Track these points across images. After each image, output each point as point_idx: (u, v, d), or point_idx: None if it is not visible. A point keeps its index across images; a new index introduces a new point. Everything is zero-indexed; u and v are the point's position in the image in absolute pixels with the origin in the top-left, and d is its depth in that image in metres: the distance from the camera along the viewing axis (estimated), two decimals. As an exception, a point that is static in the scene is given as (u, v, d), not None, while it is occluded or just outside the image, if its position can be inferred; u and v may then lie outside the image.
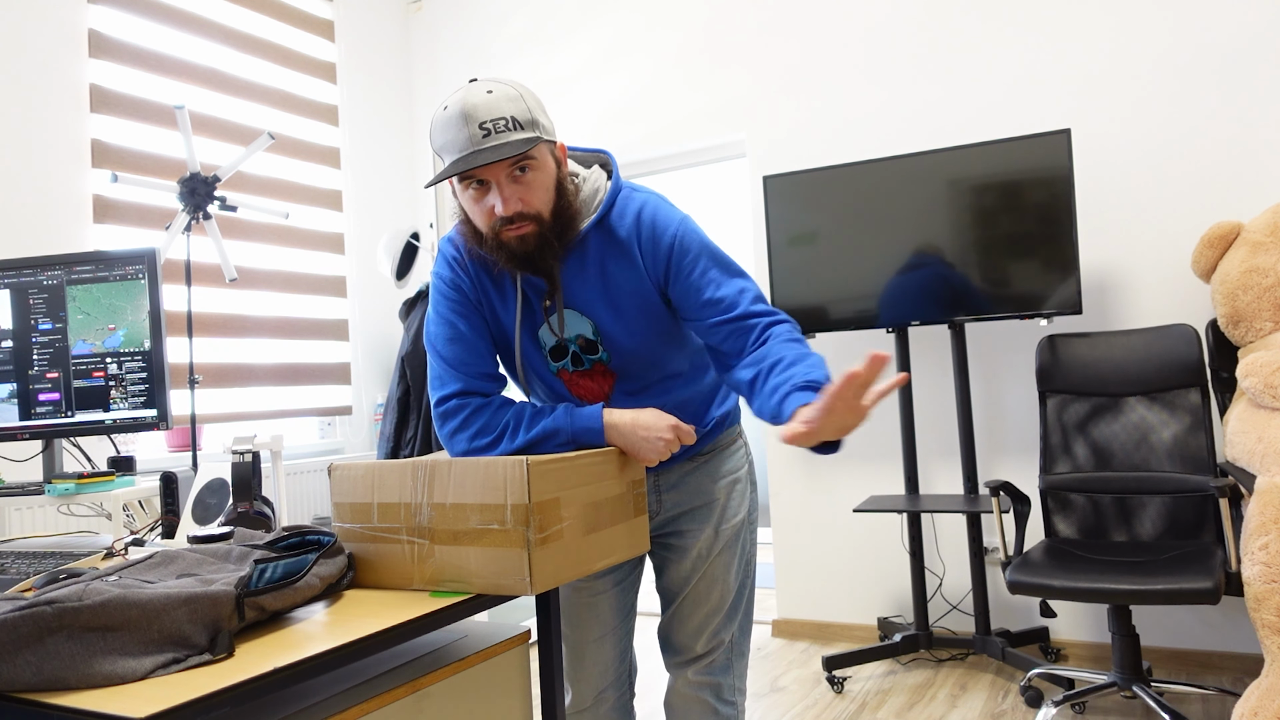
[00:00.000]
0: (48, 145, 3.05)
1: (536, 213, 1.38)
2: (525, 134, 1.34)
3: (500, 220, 1.37)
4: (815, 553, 3.65)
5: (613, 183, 1.50)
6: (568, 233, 1.43)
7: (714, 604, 1.63)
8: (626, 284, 1.47)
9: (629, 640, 1.71)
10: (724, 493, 1.65)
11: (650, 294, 1.48)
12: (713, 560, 1.63)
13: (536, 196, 1.37)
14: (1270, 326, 2.65)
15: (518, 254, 1.39)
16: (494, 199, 1.36)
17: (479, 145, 1.32)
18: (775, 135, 3.71)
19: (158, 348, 2.06)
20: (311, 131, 4.08)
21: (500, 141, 1.32)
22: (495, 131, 1.32)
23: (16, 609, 0.88)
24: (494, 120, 1.32)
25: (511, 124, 1.33)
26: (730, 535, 1.64)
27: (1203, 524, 2.69)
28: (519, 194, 1.36)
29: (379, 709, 1.09)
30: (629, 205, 1.48)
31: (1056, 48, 3.23)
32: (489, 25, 4.39)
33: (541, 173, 1.38)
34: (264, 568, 1.07)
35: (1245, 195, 2.96)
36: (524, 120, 1.34)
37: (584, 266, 1.47)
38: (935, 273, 3.09)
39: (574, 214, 1.44)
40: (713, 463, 1.65)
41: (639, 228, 1.46)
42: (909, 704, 2.85)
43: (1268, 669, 2.01)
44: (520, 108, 1.35)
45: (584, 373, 1.55)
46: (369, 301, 4.26)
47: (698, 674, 1.63)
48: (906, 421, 3.26)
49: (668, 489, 1.64)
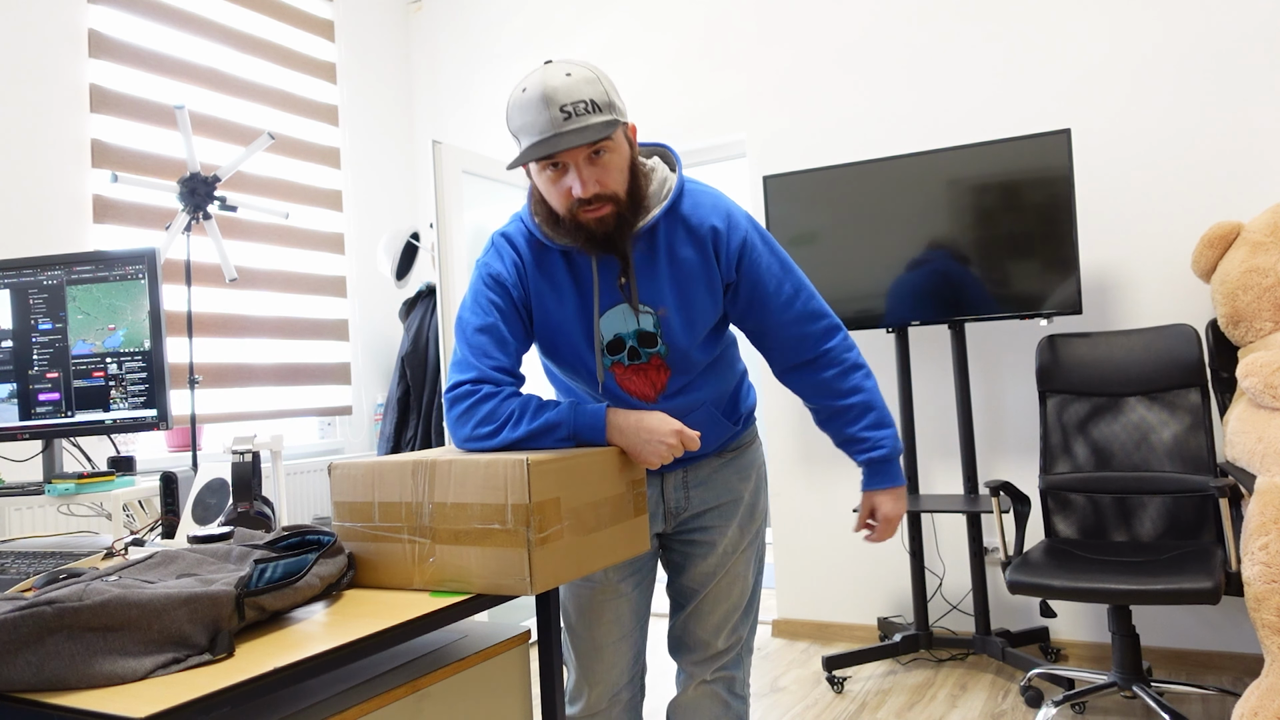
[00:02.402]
0: (48, 145, 3.05)
1: (613, 193, 1.40)
2: (605, 116, 1.36)
3: (578, 202, 1.39)
4: (815, 553, 3.65)
5: (679, 174, 1.53)
6: (641, 214, 1.46)
7: (734, 601, 1.64)
8: (696, 272, 1.49)
9: (645, 642, 1.71)
10: (749, 489, 1.67)
11: (716, 284, 1.51)
12: (737, 557, 1.65)
13: (613, 178, 1.40)
14: (1270, 326, 2.65)
15: (596, 235, 1.42)
16: (572, 180, 1.38)
17: (560, 129, 1.34)
18: (775, 135, 3.71)
19: (158, 348, 2.06)
20: (311, 131, 4.08)
21: (581, 125, 1.34)
22: (576, 115, 1.34)
23: (16, 609, 0.88)
24: (574, 103, 1.34)
25: (591, 107, 1.35)
26: (753, 532, 1.67)
27: (1203, 524, 2.69)
28: (596, 175, 1.38)
29: (379, 709, 1.09)
30: (700, 197, 1.52)
31: (1056, 48, 3.23)
32: (489, 25, 4.39)
33: (617, 154, 1.41)
34: (264, 568, 1.07)
35: (1245, 195, 2.96)
36: (602, 103, 1.37)
37: (653, 255, 1.49)
38: (935, 272, 3.09)
39: (643, 194, 1.46)
40: (741, 459, 1.67)
41: (713, 218, 1.50)
42: (909, 704, 2.85)
43: (1268, 669, 2.01)
44: (598, 90, 1.37)
45: (638, 367, 1.54)
46: (369, 301, 4.26)
47: (715, 671, 1.64)
48: (906, 421, 3.26)
49: (696, 485, 1.64)
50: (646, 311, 1.50)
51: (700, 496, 1.64)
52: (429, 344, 3.77)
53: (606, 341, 1.52)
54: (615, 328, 1.52)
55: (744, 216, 1.54)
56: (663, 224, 1.49)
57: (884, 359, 3.51)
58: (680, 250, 1.49)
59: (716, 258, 1.50)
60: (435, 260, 3.42)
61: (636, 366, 1.54)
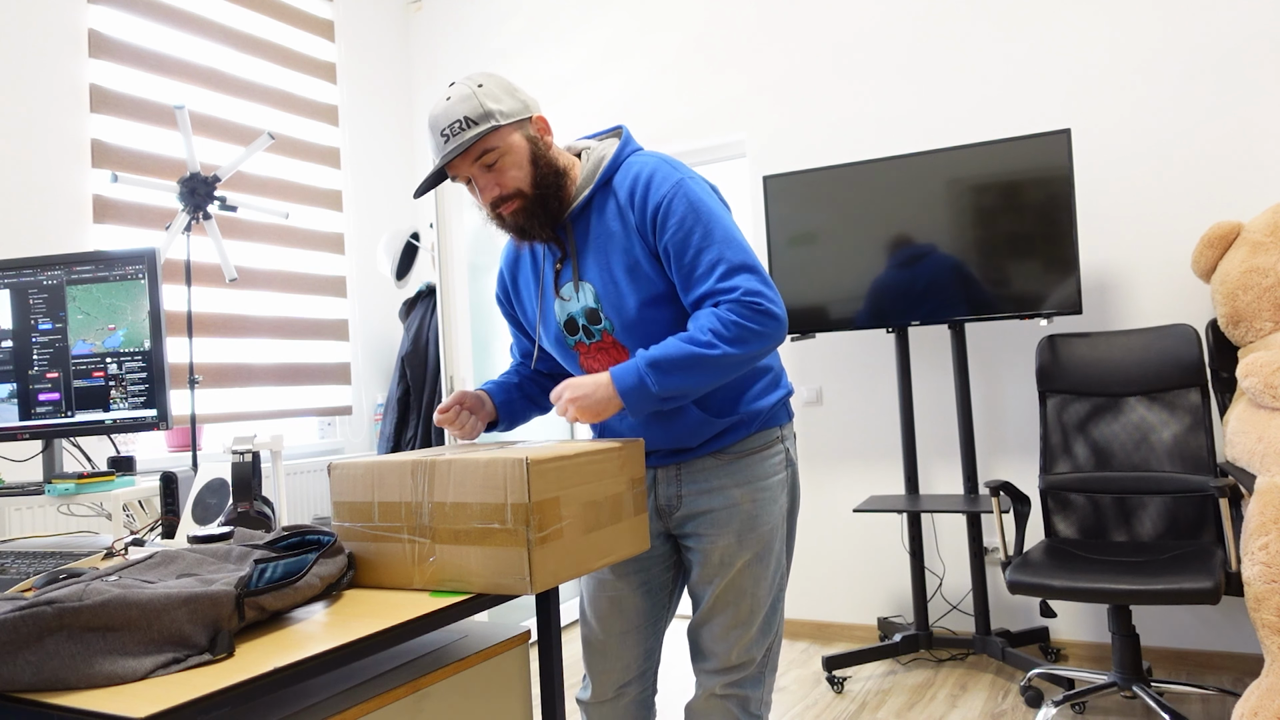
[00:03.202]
0: (48, 145, 3.05)
1: (514, 190, 1.49)
2: (478, 129, 1.44)
3: (490, 205, 1.51)
4: (815, 553, 3.65)
5: (618, 148, 1.56)
6: (555, 199, 1.52)
7: (741, 617, 1.57)
8: (618, 243, 1.51)
9: (656, 640, 1.69)
10: (750, 500, 1.56)
11: (637, 254, 1.50)
12: (740, 570, 1.56)
13: (509, 177, 1.48)
14: (1270, 326, 2.65)
15: (516, 228, 1.53)
16: (479, 191, 1.51)
17: (442, 151, 1.46)
18: (775, 135, 3.71)
19: (158, 348, 2.06)
20: (311, 131, 4.08)
21: (456, 144, 1.44)
22: (453, 135, 1.44)
23: (16, 609, 0.88)
24: (449, 125, 1.44)
25: (465, 123, 1.44)
26: (759, 546, 1.56)
27: (1203, 524, 2.69)
28: (493, 180, 1.48)
29: (379, 709, 1.09)
30: (633, 168, 1.53)
31: (1056, 47, 3.22)
32: (489, 25, 4.39)
33: (510, 155, 1.48)
34: (264, 568, 1.07)
35: (1245, 195, 2.96)
36: (476, 116, 1.44)
37: (588, 232, 1.54)
38: (935, 272, 3.09)
39: (558, 180, 1.52)
40: (740, 465, 1.57)
41: (634, 187, 1.51)
42: (909, 704, 2.85)
43: (1268, 669, 2.01)
44: (472, 105, 1.44)
45: (597, 346, 1.57)
46: (369, 301, 4.26)
47: (726, 687, 1.58)
48: (906, 421, 3.26)
49: (688, 483, 1.58)
50: (586, 287, 1.54)
51: (693, 498, 1.58)
52: (429, 344, 3.77)
53: (562, 322, 1.59)
54: (568, 308, 1.58)
55: (670, 181, 1.48)
56: (597, 199, 1.54)
57: (884, 359, 3.51)
58: (609, 223, 1.52)
59: (639, 226, 1.50)
60: (435, 260, 3.42)
61: (596, 346, 1.57)
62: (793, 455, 1.64)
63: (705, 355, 1.40)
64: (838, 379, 3.60)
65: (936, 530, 3.43)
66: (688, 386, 1.42)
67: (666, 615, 1.70)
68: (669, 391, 1.41)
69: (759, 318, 1.41)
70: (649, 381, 1.41)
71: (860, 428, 3.56)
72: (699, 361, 1.40)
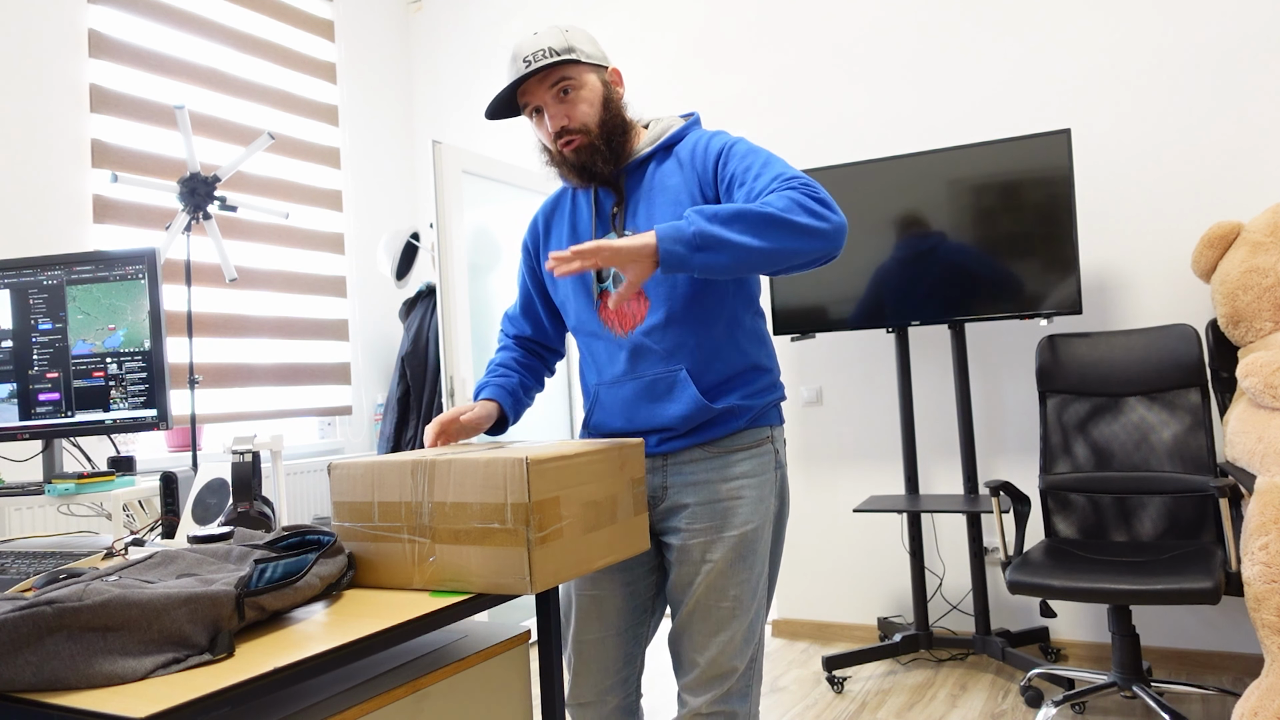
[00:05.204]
0: (48, 145, 3.05)
1: (581, 125, 1.54)
2: (560, 58, 1.51)
3: (554, 137, 1.55)
4: (815, 553, 3.65)
5: (688, 123, 1.63)
6: (618, 143, 1.57)
7: (724, 620, 1.51)
8: (670, 196, 1.55)
9: (637, 646, 1.65)
10: (732, 496, 1.54)
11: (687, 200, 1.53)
12: (720, 571, 1.52)
13: (579, 111, 1.54)
14: (1270, 326, 2.65)
15: (574, 164, 1.56)
16: (548, 119, 1.55)
17: (520, 73, 1.52)
18: (775, 135, 3.71)
19: (158, 348, 2.06)
20: (311, 131, 4.08)
21: (537, 67, 1.51)
22: (535, 61, 1.51)
23: (16, 609, 0.88)
24: (534, 53, 1.52)
25: (549, 52, 1.51)
26: (742, 546, 1.53)
27: (1203, 524, 2.69)
28: (564, 111, 1.54)
29: (379, 709, 1.09)
30: (700, 137, 1.59)
31: (1056, 48, 3.23)
32: (489, 25, 4.39)
33: (585, 91, 1.55)
34: (264, 568, 1.07)
35: (1245, 195, 2.96)
36: (560, 48, 1.52)
37: (640, 184, 1.59)
38: (935, 272, 3.09)
39: (624, 130, 1.58)
40: (729, 461, 1.55)
41: (696, 146, 1.57)
42: (909, 704, 2.85)
43: (1268, 669, 2.01)
44: (558, 39, 1.53)
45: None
46: (369, 301, 4.26)
47: (712, 703, 1.51)
48: (906, 421, 3.26)
49: (674, 473, 1.57)
50: (629, 235, 1.50)
51: (678, 490, 1.56)
52: (429, 344, 3.77)
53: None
54: None
55: (732, 136, 1.57)
56: (656, 158, 1.59)
57: (884, 359, 3.51)
58: (666, 178, 1.57)
59: (700, 174, 1.54)
60: (435, 260, 3.42)
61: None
62: (782, 458, 1.63)
63: (756, 211, 1.34)
64: (838, 379, 3.60)
65: (936, 530, 3.43)
66: (729, 238, 1.33)
67: (649, 621, 1.67)
68: (709, 236, 1.33)
69: (819, 205, 1.37)
70: (689, 220, 1.35)
71: (860, 427, 3.56)
72: (747, 216, 1.34)
